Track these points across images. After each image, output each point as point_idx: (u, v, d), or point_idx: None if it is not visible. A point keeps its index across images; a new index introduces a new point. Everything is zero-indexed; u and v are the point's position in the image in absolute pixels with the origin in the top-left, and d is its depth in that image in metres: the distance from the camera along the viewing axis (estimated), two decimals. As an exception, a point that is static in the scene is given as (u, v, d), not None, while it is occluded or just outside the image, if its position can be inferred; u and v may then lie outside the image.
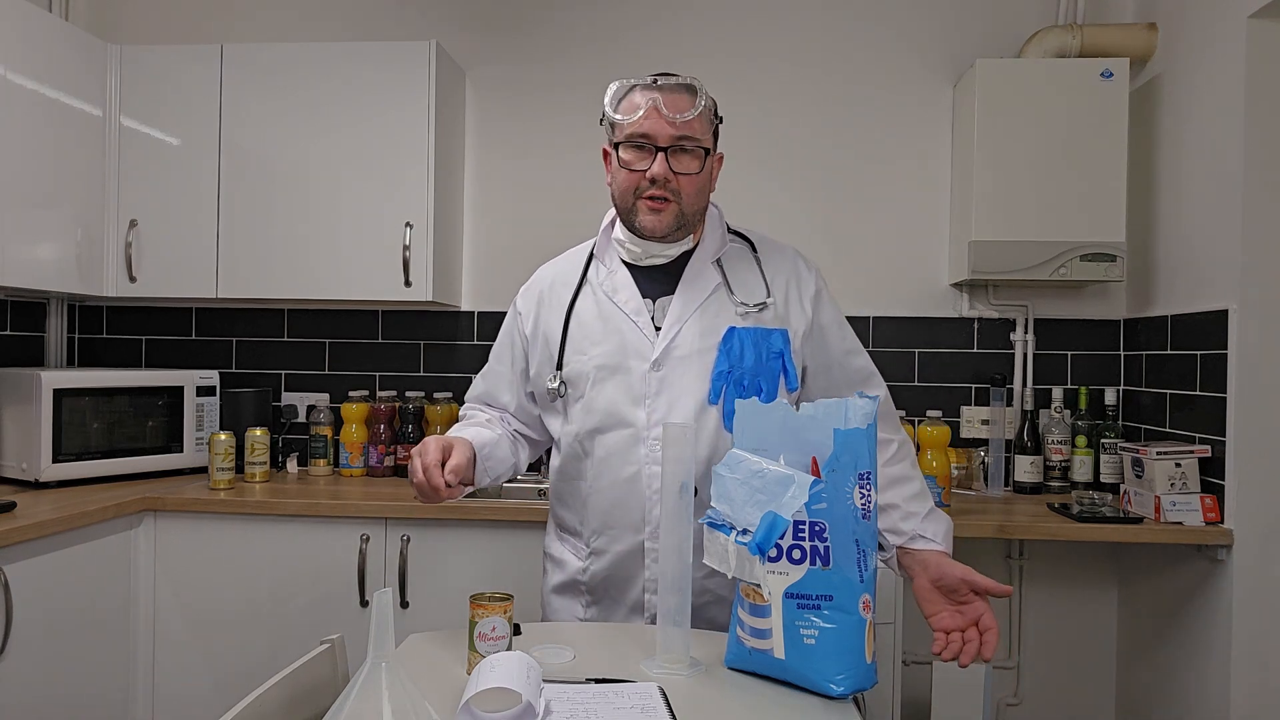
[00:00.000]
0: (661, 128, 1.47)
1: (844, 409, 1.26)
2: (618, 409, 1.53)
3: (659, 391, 1.51)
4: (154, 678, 2.47)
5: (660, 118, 1.46)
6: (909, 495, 1.51)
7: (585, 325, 1.58)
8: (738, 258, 1.60)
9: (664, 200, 1.49)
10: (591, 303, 1.59)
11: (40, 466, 2.50)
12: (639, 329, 1.54)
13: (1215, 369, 2.27)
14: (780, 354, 1.53)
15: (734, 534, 1.22)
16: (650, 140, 1.48)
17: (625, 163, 1.50)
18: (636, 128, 1.48)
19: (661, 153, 1.47)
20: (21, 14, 2.44)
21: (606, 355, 1.54)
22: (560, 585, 1.64)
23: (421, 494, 1.43)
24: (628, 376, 1.53)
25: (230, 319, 3.11)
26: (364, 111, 2.71)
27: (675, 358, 1.52)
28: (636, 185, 1.50)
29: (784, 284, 1.59)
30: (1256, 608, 2.19)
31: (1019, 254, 2.56)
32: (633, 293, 1.56)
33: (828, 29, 2.94)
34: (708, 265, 1.57)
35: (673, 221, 1.51)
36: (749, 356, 1.51)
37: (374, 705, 0.91)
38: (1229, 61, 2.24)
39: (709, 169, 1.53)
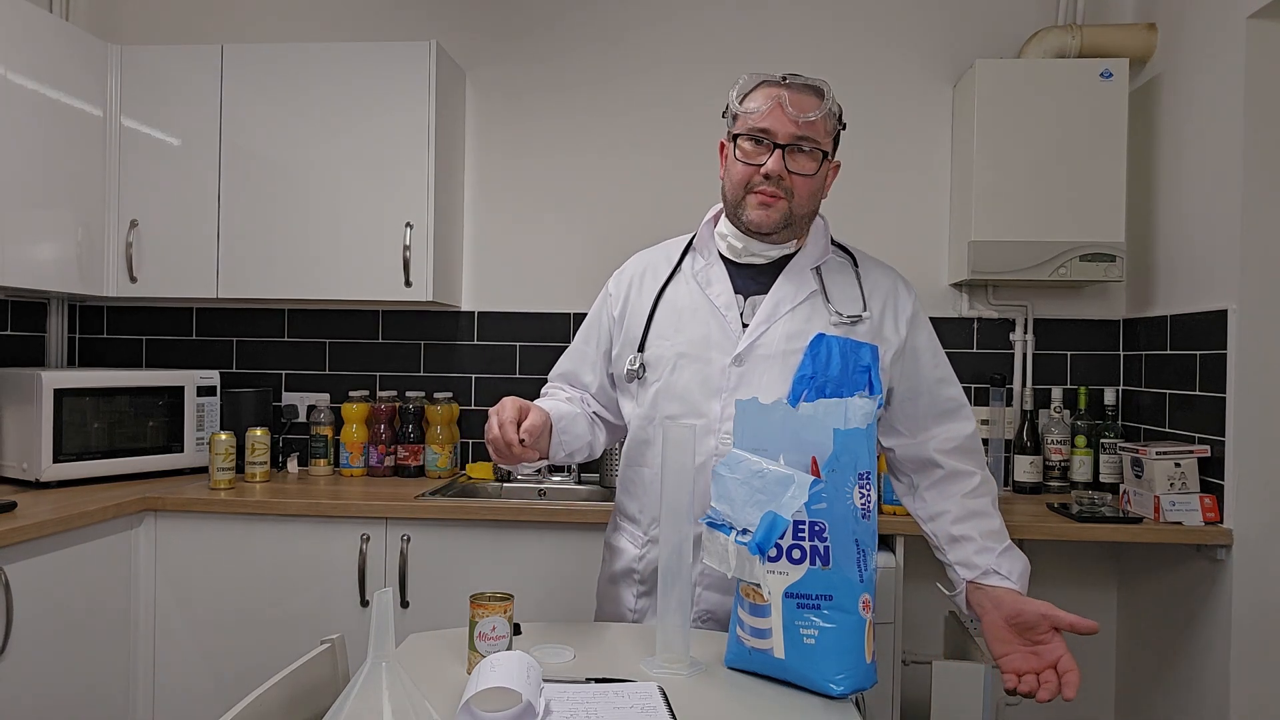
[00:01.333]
0: (783, 125, 1.46)
1: (844, 409, 1.26)
2: (693, 398, 1.53)
3: (737, 386, 1.50)
4: (154, 677, 2.47)
5: (783, 115, 1.45)
6: (986, 531, 1.49)
7: (673, 312, 1.58)
8: (838, 269, 1.59)
9: (775, 197, 1.48)
10: (683, 291, 1.59)
11: (41, 466, 2.50)
12: (726, 322, 1.53)
13: (1215, 369, 2.27)
14: (868, 368, 1.47)
15: (734, 534, 1.22)
16: (770, 136, 1.46)
17: (743, 154, 1.49)
18: (758, 121, 1.47)
19: (779, 150, 1.46)
20: (21, 14, 2.44)
21: (689, 344, 1.54)
22: (615, 574, 1.65)
23: (496, 452, 1.41)
24: (707, 367, 1.52)
25: (230, 319, 3.11)
26: (364, 112, 2.71)
27: (758, 355, 1.51)
28: (749, 179, 1.48)
29: (881, 301, 1.56)
30: (1256, 608, 2.19)
31: (1019, 254, 2.56)
32: (725, 286, 1.55)
33: (827, 29, 2.94)
34: (806, 271, 1.56)
35: (780, 219, 1.50)
36: (835, 365, 1.48)
37: (374, 705, 0.91)
38: (1229, 62, 2.24)
39: (824, 173, 1.52)
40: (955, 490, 1.54)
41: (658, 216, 2.94)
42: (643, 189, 2.98)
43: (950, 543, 1.52)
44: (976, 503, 1.52)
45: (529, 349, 3.02)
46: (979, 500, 1.52)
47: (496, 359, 3.03)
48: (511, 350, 3.02)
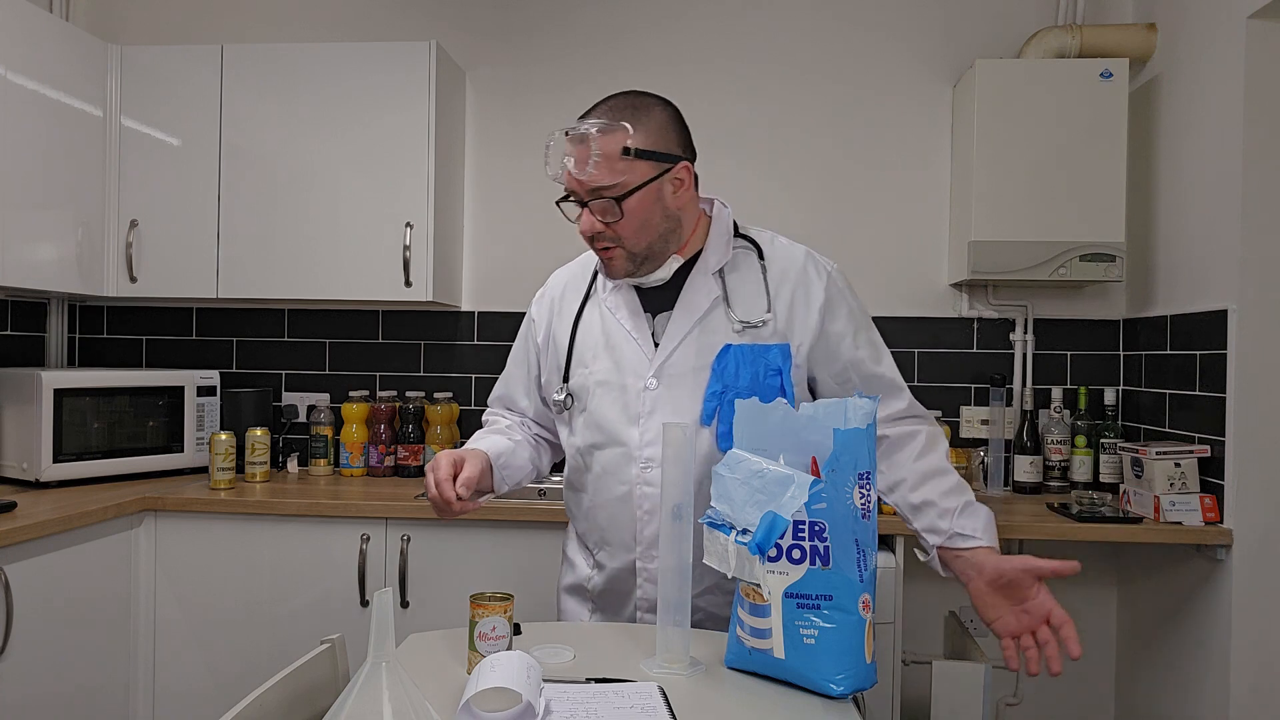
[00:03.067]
0: (575, 184, 1.44)
1: (844, 409, 1.26)
2: (613, 426, 1.51)
3: (653, 410, 1.48)
4: (154, 677, 2.47)
5: (571, 176, 1.43)
6: (943, 490, 1.46)
7: (589, 339, 1.56)
8: (743, 266, 1.53)
9: (608, 248, 1.47)
10: (596, 316, 1.57)
11: (41, 466, 2.50)
12: (638, 346, 1.51)
13: (1215, 369, 2.27)
14: (779, 371, 1.46)
15: (734, 534, 1.22)
16: (576, 195, 1.45)
17: (570, 217, 1.50)
18: (565, 183, 1.46)
19: (585, 207, 1.45)
20: (21, 14, 2.44)
21: (606, 371, 1.52)
22: (571, 586, 1.65)
23: (436, 509, 1.44)
24: (624, 394, 1.50)
25: (231, 319, 3.11)
26: (364, 112, 2.71)
27: (670, 375, 1.48)
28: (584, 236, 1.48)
29: (789, 294, 1.50)
30: (1256, 607, 2.19)
31: (1018, 254, 2.56)
32: (634, 309, 1.53)
33: (827, 30, 2.94)
34: (708, 278, 1.51)
35: (626, 264, 1.48)
36: (744, 375, 1.45)
37: (374, 705, 0.91)
38: (1228, 62, 2.24)
39: (644, 202, 1.43)
40: (905, 456, 1.50)
41: (658, 216, 2.94)
42: (643, 189, 2.97)
43: (913, 511, 1.48)
44: (927, 462, 1.49)
45: (529, 349, 3.01)
46: (929, 459, 1.49)
47: (496, 359, 3.03)
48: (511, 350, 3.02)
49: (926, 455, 1.50)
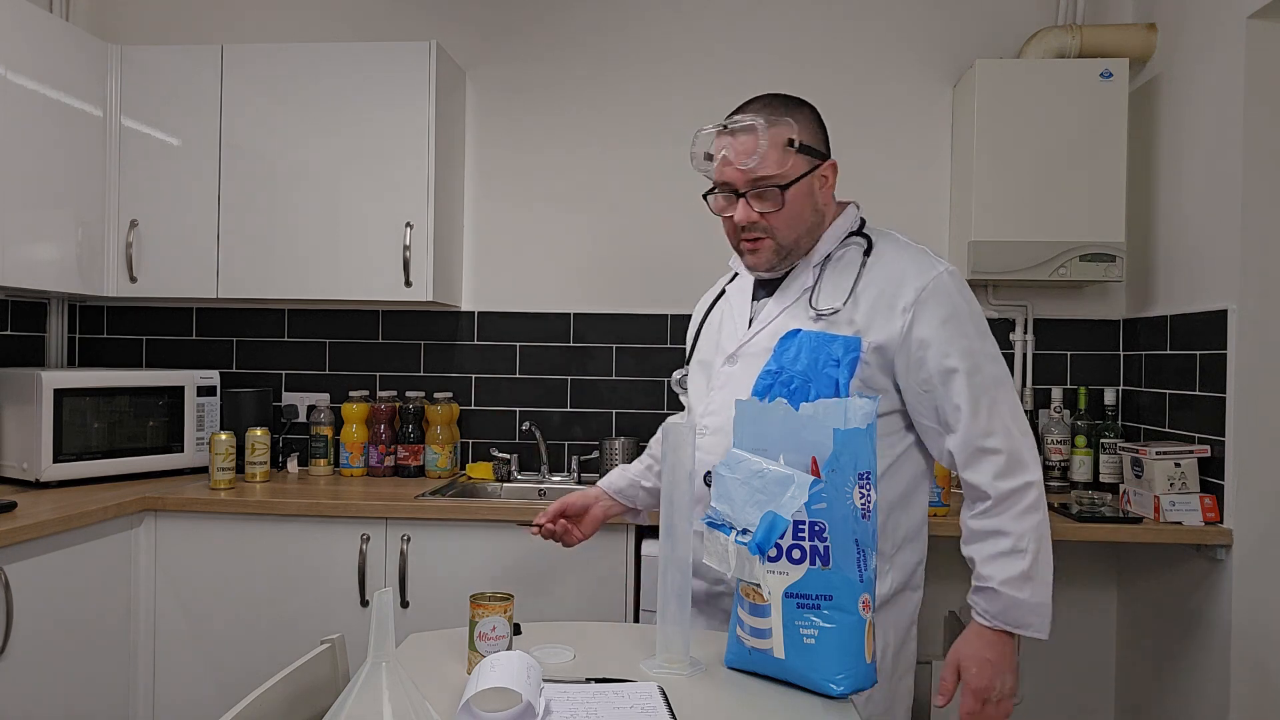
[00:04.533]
0: (734, 175, 1.50)
1: (844, 409, 1.26)
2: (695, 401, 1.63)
3: (724, 385, 1.56)
4: (154, 677, 2.47)
5: (732, 167, 1.50)
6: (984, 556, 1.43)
7: (710, 329, 1.68)
8: (846, 260, 1.53)
9: (758, 240, 1.52)
10: (720, 309, 1.68)
11: (41, 466, 2.50)
12: (735, 327, 1.60)
13: (1215, 369, 2.27)
14: (838, 362, 1.40)
15: (734, 534, 1.22)
16: (730, 188, 1.52)
17: (717, 210, 1.56)
18: (718, 176, 1.52)
19: (742, 198, 1.51)
20: (22, 14, 2.44)
21: (704, 351, 1.65)
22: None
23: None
24: (709, 371, 1.61)
25: (230, 319, 3.11)
26: (364, 111, 2.71)
27: (747, 355, 1.54)
28: (734, 229, 1.55)
29: (877, 290, 1.46)
30: (1256, 608, 2.19)
31: (1018, 254, 2.56)
32: (745, 295, 1.62)
33: (827, 29, 2.94)
34: (809, 269, 1.54)
35: (772, 257, 1.53)
36: (802, 360, 1.42)
37: (374, 705, 0.91)
38: (1229, 61, 2.24)
39: (799, 195, 1.49)
40: (967, 508, 1.46)
41: (658, 215, 2.95)
42: (643, 188, 2.97)
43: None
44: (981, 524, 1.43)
45: (529, 349, 3.02)
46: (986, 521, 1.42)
47: (496, 359, 3.03)
48: (511, 350, 3.02)
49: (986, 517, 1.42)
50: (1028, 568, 1.41)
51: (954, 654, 1.44)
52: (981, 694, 1.40)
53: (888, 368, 1.46)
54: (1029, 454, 1.44)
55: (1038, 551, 1.42)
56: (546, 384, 3.00)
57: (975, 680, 1.40)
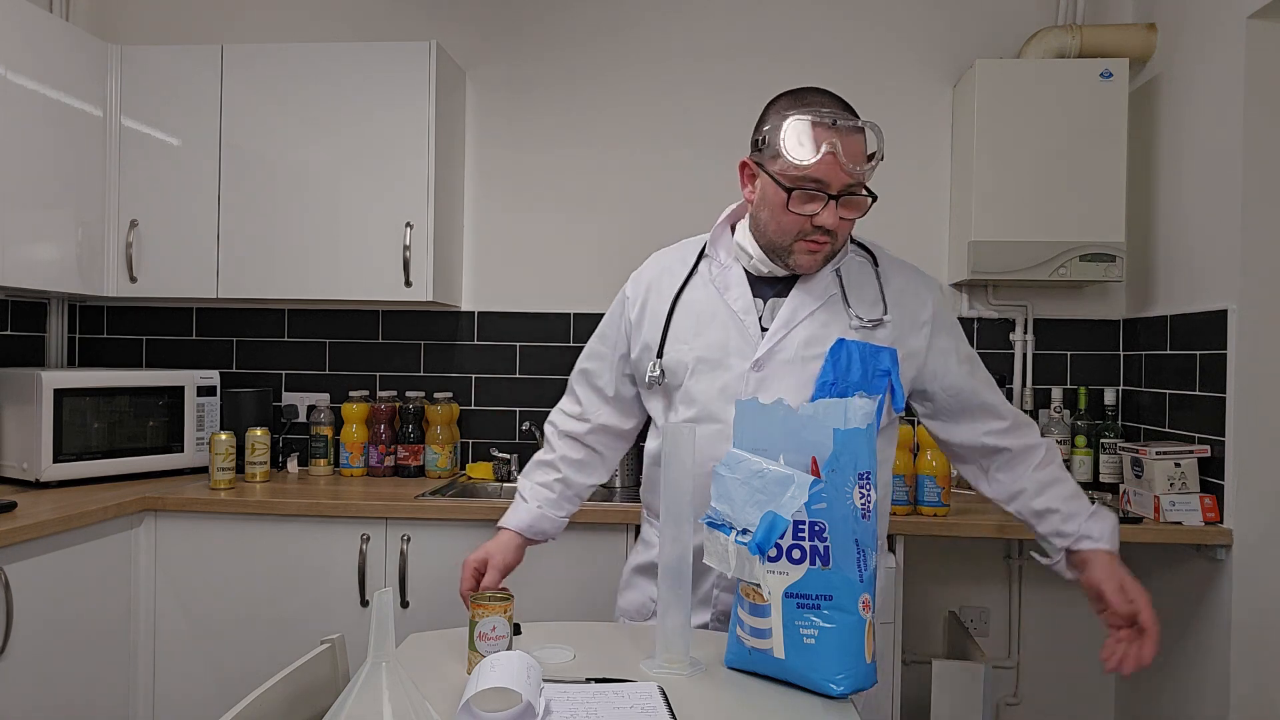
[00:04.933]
0: (838, 176, 1.43)
1: (844, 409, 1.26)
2: (712, 404, 1.51)
3: (755, 392, 1.47)
4: (154, 677, 2.47)
5: (838, 166, 1.42)
6: (1065, 496, 1.54)
7: (690, 316, 1.56)
8: (858, 270, 1.56)
9: (824, 242, 1.47)
10: (700, 295, 1.57)
11: (41, 466, 2.50)
12: (744, 327, 1.51)
13: (1215, 369, 2.27)
14: (888, 373, 1.47)
15: (734, 534, 1.22)
16: (824, 188, 1.43)
17: (796, 208, 1.44)
18: (814, 172, 1.42)
19: (833, 200, 1.44)
20: (22, 14, 2.44)
21: (707, 349, 1.53)
22: (642, 566, 1.68)
23: None
24: (726, 374, 1.51)
25: (230, 319, 3.11)
26: (364, 111, 2.71)
27: (778, 360, 1.49)
28: (801, 228, 1.46)
29: (898, 303, 1.53)
30: (1256, 608, 2.19)
31: (1018, 254, 2.56)
32: (744, 290, 1.53)
33: (827, 29, 2.94)
34: (827, 273, 1.53)
35: (824, 260, 1.51)
36: (855, 371, 1.46)
37: (374, 705, 0.91)
38: (1229, 61, 2.24)
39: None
40: (1025, 467, 1.57)
41: (659, 214, 2.95)
42: (643, 187, 2.98)
43: (1036, 518, 1.56)
44: (1047, 473, 1.56)
45: (529, 349, 3.02)
46: (1049, 470, 1.56)
47: (496, 359, 3.03)
48: (511, 350, 3.02)
49: (1046, 466, 1.57)
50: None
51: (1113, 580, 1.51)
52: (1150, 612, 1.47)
53: (908, 377, 1.54)
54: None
55: None
56: (546, 384, 3.00)
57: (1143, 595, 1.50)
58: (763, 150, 1.48)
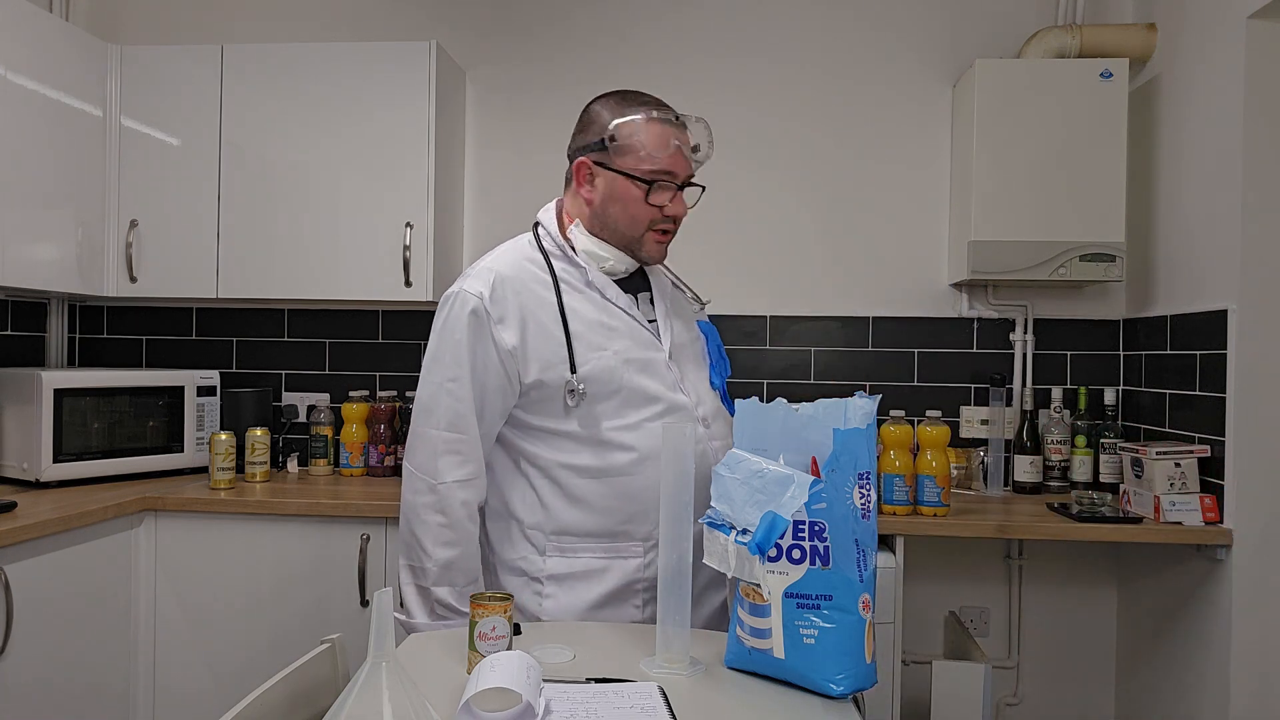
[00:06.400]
0: (684, 167, 1.56)
1: (844, 409, 1.26)
2: (668, 395, 1.58)
3: (683, 378, 1.61)
4: (154, 677, 2.47)
5: (683, 158, 1.55)
6: None
7: (589, 323, 1.54)
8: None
9: (670, 232, 1.61)
10: (582, 300, 1.56)
11: (41, 466, 2.50)
12: (640, 324, 1.61)
13: (1215, 369, 2.27)
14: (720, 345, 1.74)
15: (734, 534, 1.22)
16: (673, 178, 1.55)
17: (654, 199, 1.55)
18: (666, 165, 1.54)
19: (679, 191, 1.56)
20: (21, 14, 2.44)
21: (629, 349, 1.56)
22: (606, 596, 1.55)
23: None
24: (655, 367, 1.59)
25: (230, 319, 3.11)
26: (364, 111, 2.71)
27: (677, 347, 1.63)
28: (652, 219, 1.57)
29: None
30: (1256, 607, 2.19)
31: (1018, 254, 2.56)
32: (618, 291, 1.62)
33: (827, 29, 2.94)
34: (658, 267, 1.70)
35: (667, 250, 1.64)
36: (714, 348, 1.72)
37: (374, 705, 0.91)
38: (1228, 62, 2.24)
39: None
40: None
41: (658, 216, 2.94)
42: (643, 189, 2.97)
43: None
44: None
45: (529, 349, 3.01)
46: None
47: (496, 359, 3.02)
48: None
49: None
50: None
51: None
52: None
53: None
54: None
55: None
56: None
57: None
58: (608, 149, 1.54)
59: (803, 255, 2.91)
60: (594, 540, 1.56)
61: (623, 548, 1.57)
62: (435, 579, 1.51)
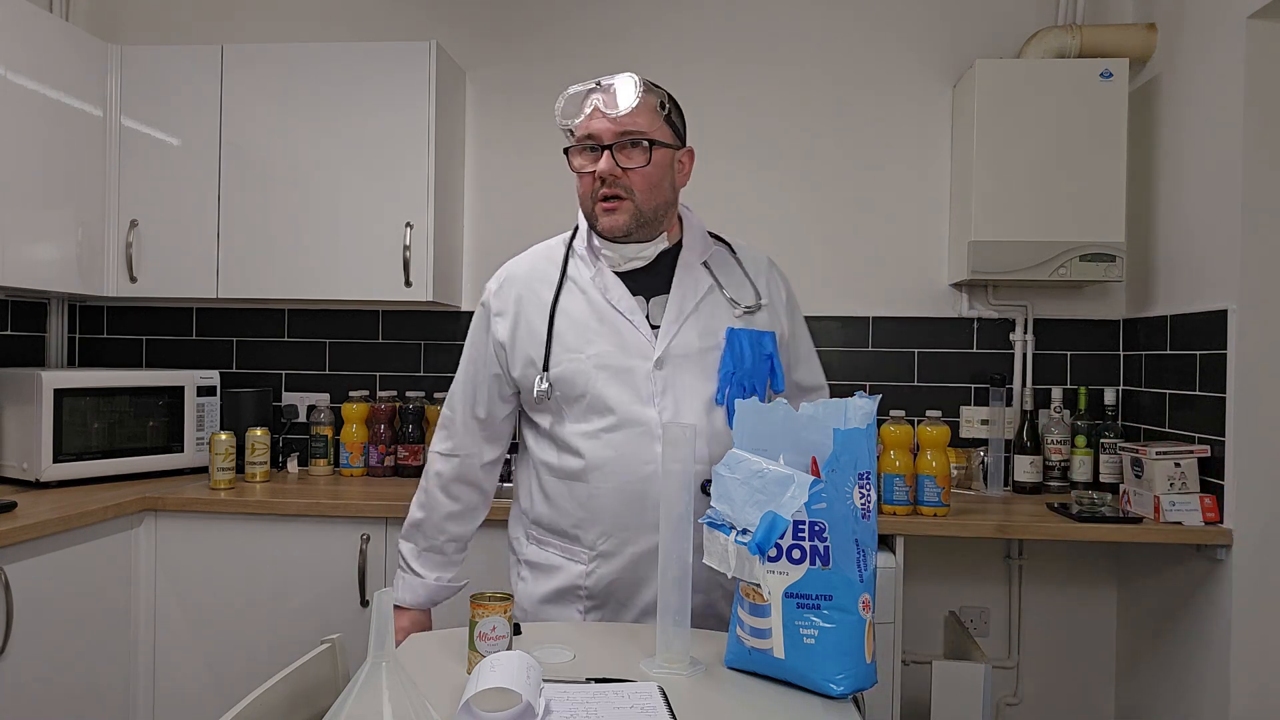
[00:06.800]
0: (604, 125, 1.49)
1: (844, 409, 1.26)
2: (627, 408, 1.50)
3: (664, 390, 1.50)
4: (154, 677, 2.47)
5: (602, 116, 1.48)
6: None
7: (576, 324, 1.54)
8: (722, 260, 1.63)
9: (617, 199, 1.50)
10: (580, 301, 1.56)
11: (41, 466, 2.50)
12: (635, 328, 1.53)
13: (1215, 369, 2.27)
14: (770, 356, 1.56)
15: (734, 534, 1.22)
16: (597, 140, 1.49)
17: (578, 167, 1.53)
18: (583, 129, 1.50)
19: (607, 150, 1.49)
20: (22, 14, 2.44)
21: (607, 354, 1.52)
22: (554, 593, 1.58)
23: None
24: (631, 376, 1.51)
25: (230, 319, 3.11)
26: (364, 111, 2.71)
27: (676, 356, 1.52)
28: (591, 188, 1.52)
29: (765, 289, 1.63)
30: (1256, 607, 2.19)
31: (1018, 254, 2.56)
32: (624, 291, 1.55)
33: (828, 29, 2.94)
34: (697, 266, 1.58)
35: (629, 220, 1.51)
36: (749, 357, 1.53)
37: (374, 705, 0.91)
38: (1228, 61, 2.24)
39: (662, 163, 1.52)
40: None
41: (658, 216, 2.94)
42: (643, 189, 2.97)
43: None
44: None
45: (529, 349, 3.01)
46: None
47: (496, 359, 3.02)
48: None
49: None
50: None
51: None
52: None
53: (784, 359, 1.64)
54: None
55: None
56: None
57: None
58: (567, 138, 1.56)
59: (803, 255, 2.91)
60: (554, 537, 1.60)
61: (572, 550, 1.57)
62: (404, 533, 1.72)
